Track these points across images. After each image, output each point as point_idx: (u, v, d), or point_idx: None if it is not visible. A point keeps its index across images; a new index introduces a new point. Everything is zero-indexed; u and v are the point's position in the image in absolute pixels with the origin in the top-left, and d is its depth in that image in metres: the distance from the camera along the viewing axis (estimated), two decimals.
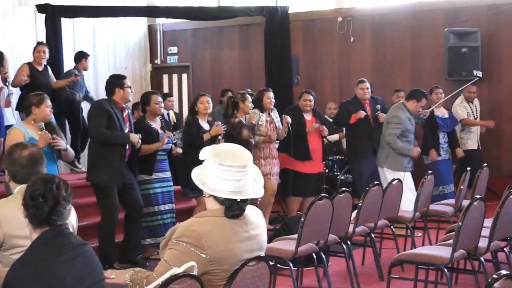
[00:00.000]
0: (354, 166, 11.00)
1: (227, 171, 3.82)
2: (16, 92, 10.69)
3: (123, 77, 8.35)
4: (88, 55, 11.80)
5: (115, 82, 8.18)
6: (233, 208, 3.84)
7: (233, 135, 9.10)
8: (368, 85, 10.66)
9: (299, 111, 10.26)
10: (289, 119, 9.90)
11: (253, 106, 9.67)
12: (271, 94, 10.07)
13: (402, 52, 13.51)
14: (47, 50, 10.78)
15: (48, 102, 7.18)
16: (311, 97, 10.28)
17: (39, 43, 11.00)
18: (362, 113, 10.41)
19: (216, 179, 3.83)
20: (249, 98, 9.61)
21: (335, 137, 12.02)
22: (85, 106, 11.49)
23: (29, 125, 7.02)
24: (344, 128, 11.60)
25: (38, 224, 3.48)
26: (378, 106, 10.52)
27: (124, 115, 8.14)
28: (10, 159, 4.37)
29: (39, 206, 3.46)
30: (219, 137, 8.81)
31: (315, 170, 10.26)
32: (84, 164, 11.36)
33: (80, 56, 11.68)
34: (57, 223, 3.49)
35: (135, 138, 8.00)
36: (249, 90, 11.04)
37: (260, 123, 9.82)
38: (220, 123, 9.01)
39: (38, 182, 3.53)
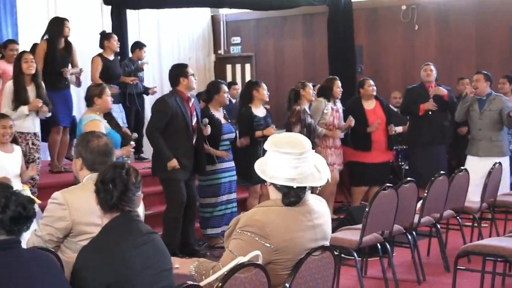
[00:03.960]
0: (411, 156, 10.88)
1: (284, 158, 3.81)
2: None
3: (185, 66, 8.35)
4: (144, 46, 11.81)
5: (179, 71, 8.18)
6: (289, 195, 3.83)
7: (303, 121, 9.13)
8: (432, 67, 10.38)
9: (359, 102, 10.18)
10: (352, 123, 9.85)
11: (316, 94, 9.65)
12: (340, 83, 10.03)
13: (468, 40, 13.29)
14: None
15: (108, 91, 7.32)
16: (373, 83, 10.22)
17: (110, 33, 10.91)
18: (431, 105, 10.11)
19: (274, 167, 3.84)
20: (310, 86, 9.59)
21: (398, 129, 11.89)
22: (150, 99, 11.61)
23: (100, 116, 7.19)
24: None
25: (108, 209, 3.54)
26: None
27: (190, 104, 8.16)
28: (88, 148, 4.38)
29: (108, 191, 3.52)
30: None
31: (379, 160, 10.17)
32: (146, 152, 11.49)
33: (135, 46, 11.77)
34: (126, 209, 3.54)
35: (172, 164, 7.92)
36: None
37: (325, 111, 9.80)
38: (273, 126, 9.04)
39: (109, 168, 3.62)
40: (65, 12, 11.14)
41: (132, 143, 7.32)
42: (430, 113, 10.12)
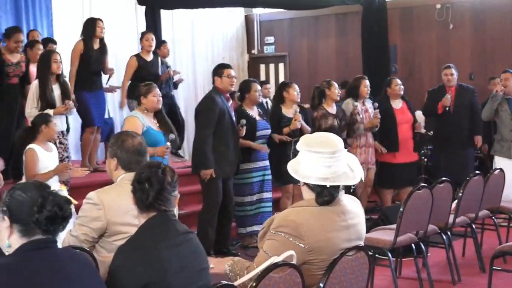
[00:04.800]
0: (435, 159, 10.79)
1: (316, 157, 3.82)
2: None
3: (224, 66, 8.29)
4: (165, 42, 11.66)
5: (215, 71, 8.23)
6: (323, 194, 3.82)
7: (318, 128, 9.03)
8: (453, 71, 10.30)
9: (388, 101, 10.07)
10: (378, 115, 9.73)
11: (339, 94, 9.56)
12: (368, 82, 9.85)
13: (504, 39, 13.14)
14: (154, 38, 10.70)
15: (157, 91, 7.32)
16: (400, 82, 10.13)
17: (144, 32, 10.90)
18: (447, 100, 10.07)
19: (307, 166, 3.84)
20: (336, 85, 9.48)
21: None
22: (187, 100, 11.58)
23: (144, 114, 7.22)
24: None
25: (145, 208, 3.56)
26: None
27: (229, 104, 8.18)
28: (124, 147, 4.39)
29: (144, 190, 3.53)
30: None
31: (407, 160, 10.04)
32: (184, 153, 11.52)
33: (156, 45, 11.75)
34: (162, 208, 3.55)
35: (207, 173, 7.93)
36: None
37: (355, 111, 9.70)
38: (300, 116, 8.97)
39: (144, 167, 3.64)
40: (100, 13, 11.22)
41: (168, 143, 7.30)
42: (447, 109, 10.05)
